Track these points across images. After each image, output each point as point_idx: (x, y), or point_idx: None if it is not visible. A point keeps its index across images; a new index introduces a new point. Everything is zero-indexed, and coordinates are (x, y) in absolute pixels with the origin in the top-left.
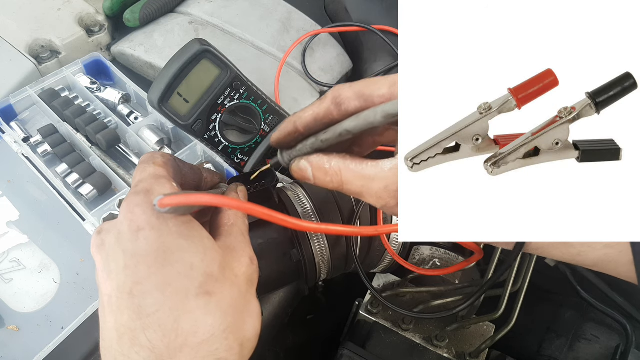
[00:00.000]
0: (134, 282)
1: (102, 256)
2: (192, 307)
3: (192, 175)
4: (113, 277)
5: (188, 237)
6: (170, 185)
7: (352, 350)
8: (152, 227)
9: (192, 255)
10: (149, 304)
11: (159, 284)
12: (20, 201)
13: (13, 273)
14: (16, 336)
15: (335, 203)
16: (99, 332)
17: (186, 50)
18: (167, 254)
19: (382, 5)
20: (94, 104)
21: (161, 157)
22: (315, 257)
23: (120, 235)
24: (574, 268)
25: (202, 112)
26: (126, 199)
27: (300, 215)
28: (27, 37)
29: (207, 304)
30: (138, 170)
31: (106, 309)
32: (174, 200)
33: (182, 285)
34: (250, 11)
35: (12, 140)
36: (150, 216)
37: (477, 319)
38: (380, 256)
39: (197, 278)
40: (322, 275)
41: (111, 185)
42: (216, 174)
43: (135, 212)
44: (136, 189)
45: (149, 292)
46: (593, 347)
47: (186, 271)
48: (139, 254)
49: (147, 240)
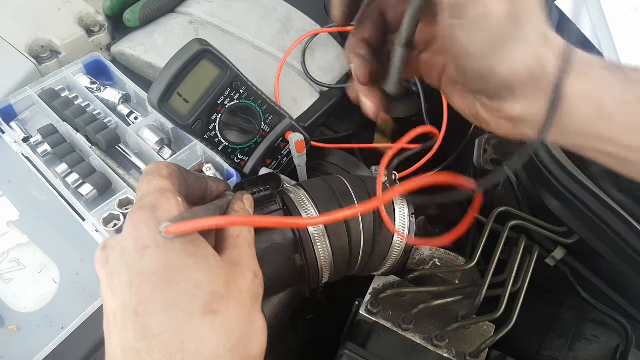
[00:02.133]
0: (139, 301)
1: (106, 273)
2: (198, 326)
3: (197, 185)
4: (118, 295)
5: (193, 255)
6: (176, 200)
7: (352, 350)
8: (157, 245)
9: (198, 274)
10: (154, 324)
11: (164, 303)
12: (20, 201)
13: (13, 273)
14: (16, 336)
15: (339, 205)
16: (99, 332)
17: (186, 51)
18: (173, 272)
19: None
20: (94, 104)
21: (166, 168)
22: (319, 261)
23: (125, 253)
24: (574, 268)
25: (202, 112)
26: (131, 214)
27: (300, 213)
28: (27, 37)
29: (212, 323)
30: (143, 182)
31: (111, 326)
32: (180, 228)
33: (187, 304)
34: (250, 11)
35: (12, 140)
36: (156, 233)
37: (477, 319)
38: (382, 260)
39: (202, 297)
40: (325, 279)
41: (111, 185)
42: (222, 183)
43: (140, 229)
44: (141, 203)
45: (154, 312)
46: (593, 347)
47: (191, 290)
48: (144, 273)
49: (153, 259)
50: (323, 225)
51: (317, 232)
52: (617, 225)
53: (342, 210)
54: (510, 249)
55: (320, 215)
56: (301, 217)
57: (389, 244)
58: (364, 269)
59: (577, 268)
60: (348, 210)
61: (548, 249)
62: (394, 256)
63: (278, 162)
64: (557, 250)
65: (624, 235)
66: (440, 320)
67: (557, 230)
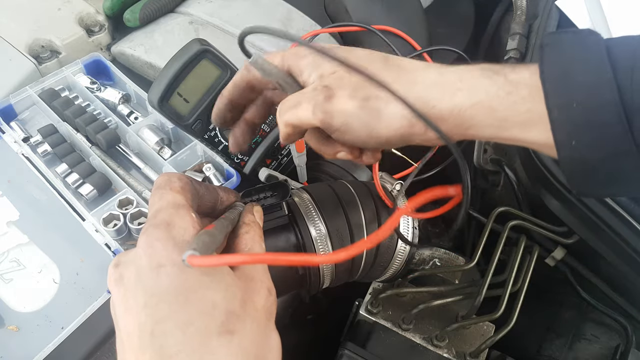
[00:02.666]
0: (155, 321)
1: (120, 291)
2: (215, 347)
3: (208, 196)
4: (133, 314)
5: (209, 274)
6: (191, 217)
7: (352, 350)
8: (173, 264)
9: (214, 293)
10: (170, 344)
11: (181, 323)
12: (20, 201)
13: (13, 273)
14: (16, 336)
15: (341, 207)
16: (99, 332)
17: (186, 50)
18: (189, 292)
19: (382, 5)
20: (94, 104)
21: (178, 181)
22: (321, 268)
23: (140, 271)
24: (574, 268)
25: (202, 112)
26: (145, 231)
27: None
28: (27, 37)
29: (229, 343)
30: (155, 196)
31: (126, 346)
32: (204, 262)
33: (203, 324)
34: (250, 11)
35: (12, 140)
36: (171, 252)
37: (477, 319)
38: (383, 269)
39: (218, 317)
40: (325, 285)
41: (111, 185)
42: (232, 193)
43: (155, 247)
44: (155, 220)
45: (170, 332)
46: (593, 347)
47: (208, 310)
48: (160, 292)
49: (169, 278)
50: (326, 230)
51: (320, 237)
52: (617, 225)
53: (361, 243)
54: (510, 249)
55: (338, 250)
56: (321, 254)
57: (392, 254)
58: (365, 276)
59: (577, 268)
60: (368, 242)
61: (548, 249)
62: (395, 265)
63: (278, 162)
64: (557, 250)
65: (624, 235)
66: (440, 320)
67: (557, 230)
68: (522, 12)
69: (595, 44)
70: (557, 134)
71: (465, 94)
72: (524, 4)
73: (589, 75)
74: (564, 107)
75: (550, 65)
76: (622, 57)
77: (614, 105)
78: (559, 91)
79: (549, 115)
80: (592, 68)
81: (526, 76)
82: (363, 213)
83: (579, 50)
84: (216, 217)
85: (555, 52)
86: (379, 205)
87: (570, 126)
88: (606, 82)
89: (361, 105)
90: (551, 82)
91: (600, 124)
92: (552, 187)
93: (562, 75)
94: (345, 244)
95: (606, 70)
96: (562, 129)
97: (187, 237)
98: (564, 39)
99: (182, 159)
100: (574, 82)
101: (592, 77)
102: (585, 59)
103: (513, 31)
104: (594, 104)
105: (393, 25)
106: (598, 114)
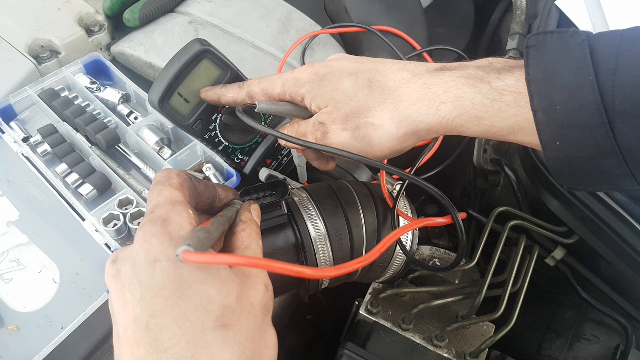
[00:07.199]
0: (151, 315)
1: (117, 286)
2: (210, 341)
3: (207, 193)
4: (129, 309)
5: (205, 269)
6: (188, 213)
7: (352, 350)
8: (169, 259)
9: (210, 288)
10: (166, 338)
11: (176, 317)
12: (20, 201)
13: (13, 273)
14: (16, 336)
15: (340, 207)
16: (99, 332)
17: (186, 51)
18: (184, 286)
19: (382, 5)
20: (94, 104)
21: (177, 178)
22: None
23: (136, 266)
24: (574, 268)
25: (202, 112)
26: (142, 227)
27: (305, 220)
28: (27, 37)
29: (224, 338)
30: (154, 192)
31: (122, 341)
32: (198, 259)
33: (199, 318)
34: (250, 11)
35: (12, 140)
36: (167, 247)
37: (477, 319)
38: (382, 271)
39: (214, 311)
40: (324, 285)
41: (111, 185)
42: (230, 191)
43: (152, 243)
44: (152, 216)
45: (166, 326)
46: (593, 347)
47: (203, 304)
48: (156, 287)
49: (164, 273)
50: (325, 230)
51: (319, 237)
52: (617, 225)
53: (353, 263)
54: (510, 249)
55: (331, 268)
56: (312, 268)
57: (390, 256)
58: (364, 277)
59: (577, 268)
60: (362, 261)
61: (548, 249)
62: (394, 268)
63: (278, 162)
64: (557, 250)
65: (624, 235)
66: (440, 320)
67: (557, 230)
68: (522, 12)
69: (579, 45)
70: (543, 135)
71: (450, 107)
72: (524, 4)
73: (571, 77)
74: (548, 109)
75: (535, 68)
76: (605, 58)
77: (596, 107)
78: (543, 93)
79: (534, 117)
80: (575, 70)
81: (511, 82)
82: (363, 213)
83: (562, 51)
84: (214, 214)
85: (540, 53)
86: (379, 205)
87: (554, 127)
88: (588, 84)
89: (354, 136)
90: (536, 84)
91: (582, 125)
92: (552, 187)
93: (547, 78)
94: (344, 244)
95: (588, 72)
96: (546, 130)
97: (184, 233)
98: (548, 41)
99: (182, 159)
100: (558, 84)
101: (574, 79)
102: (569, 61)
103: (513, 31)
104: (576, 106)
105: (393, 25)
106: (580, 116)
